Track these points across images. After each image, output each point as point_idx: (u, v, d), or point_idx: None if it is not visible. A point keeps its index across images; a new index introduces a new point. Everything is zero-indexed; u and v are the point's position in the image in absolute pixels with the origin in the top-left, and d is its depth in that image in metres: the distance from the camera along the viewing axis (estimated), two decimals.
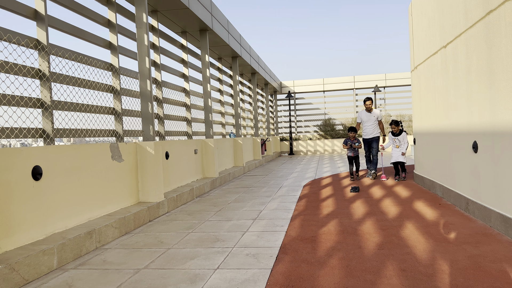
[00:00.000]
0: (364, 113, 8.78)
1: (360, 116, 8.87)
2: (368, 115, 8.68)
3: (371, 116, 8.66)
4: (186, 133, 8.43)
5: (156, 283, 3.00)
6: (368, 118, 8.68)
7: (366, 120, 8.70)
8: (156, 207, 5.48)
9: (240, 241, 4.06)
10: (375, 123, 8.66)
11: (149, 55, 5.80)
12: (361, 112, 8.89)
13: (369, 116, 8.67)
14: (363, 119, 8.75)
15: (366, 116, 8.71)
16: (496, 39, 3.91)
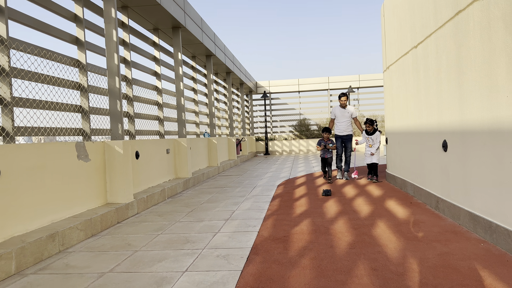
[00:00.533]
0: (338, 109, 8.51)
1: (334, 112, 8.58)
2: (343, 111, 8.45)
3: (345, 112, 8.43)
4: (158, 133, 8.25)
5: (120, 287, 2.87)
6: (342, 115, 8.44)
7: (340, 116, 8.45)
8: (125, 208, 5.31)
9: (211, 242, 3.96)
10: (349, 120, 8.42)
11: (118, 52, 5.62)
12: (335, 107, 8.59)
13: (343, 113, 8.44)
14: (337, 115, 8.49)
15: (340, 112, 8.46)
16: (465, 39, 3.95)
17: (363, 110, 21.50)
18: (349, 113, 8.44)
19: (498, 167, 3.40)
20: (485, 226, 3.63)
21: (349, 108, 8.47)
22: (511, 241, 3.20)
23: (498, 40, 3.30)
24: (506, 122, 3.23)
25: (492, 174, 3.51)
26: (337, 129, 8.48)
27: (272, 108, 22.35)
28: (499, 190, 3.39)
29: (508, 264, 3.00)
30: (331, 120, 8.66)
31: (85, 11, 5.73)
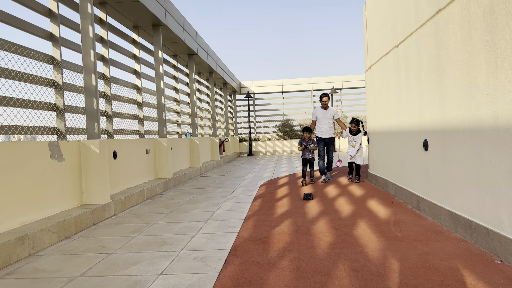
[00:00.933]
0: (319, 110, 8.06)
1: (315, 113, 8.12)
2: (324, 113, 7.99)
3: (327, 113, 7.98)
4: (138, 132, 8.07)
5: None
6: (324, 116, 7.99)
7: (322, 117, 8.00)
8: (101, 210, 5.14)
9: (189, 244, 3.85)
10: (331, 122, 8.01)
11: (95, 48, 5.45)
12: (316, 109, 8.14)
13: (325, 114, 7.99)
14: (319, 116, 8.04)
15: (322, 113, 8.00)
16: (445, 38, 3.94)
17: (346, 111, 21.60)
18: (331, 115, 8.00)
19: (478, 166, 3.38)
20: (465, 225, 3.61)
21: (331, 109, 8.05)
22: (491, 240, 3.18)
23: (478, 38, 3.29)
24: (486, 121, 3.21)
25: (472, 173, 3.49)
26: (319, 131, 8.05)
27: (256, 109, 22.27)
28: (479, 189, 3.38)
29: (488, 263, 2.97)
30: (312, 122, 8.21)
31: (60, 6, 5.55)
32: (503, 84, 2.95)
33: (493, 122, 3.10)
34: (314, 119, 8.16)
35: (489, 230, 3.20)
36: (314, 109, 8.20)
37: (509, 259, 2.93)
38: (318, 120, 8.08)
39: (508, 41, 2.86)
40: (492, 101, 3.11)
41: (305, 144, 7.72)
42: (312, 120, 8.19)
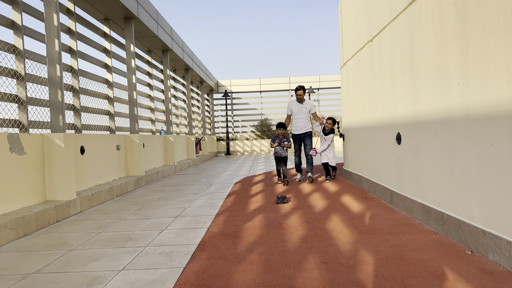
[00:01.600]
0: (295, 104, 7.47)
1: (290, 107, 7.53)
2: (300, 107, 7.42)
3: (303, 107, 7.40)
4: (108, 128, 7.82)
5: None
6: (300, 110, 7.41)
7: (297, 112, 7.42)
8: (66, 206, 4.91)
9: (155, 240, 3.68)
10: (307, 116, 7.44)
11: (59, 38, 5.21)
12: (291, 102, 7.54)
13: (301, 108, 7.41)
14: (294, 110, 7.46)
15: (297, 107, 7.42)
16: (418, 29, 3.91)
17: (324, 111, 21.70)
18: (307, 109, 7.42)
19: (449, 157, 3.35)
20: (437, 217, 3.58)
21: (307, 102, 7.47)
22: (462, 231, 3.15)
23: (450, 27, 3.25)
24: (457, 111, 3.18)
25: (443, 164, 3.46)
26: (294, 127, 7.49)
27: (234, 108, 22.12)
28: (450, 180, 3.34)
29: (459, 254, 2.93)
30: (287, 116, 7.66)
31: None
32: (473, 72, 2.92)
33: (464, 112, 3.07)
34: (289, 113, 7.59)
35: (460, 221, 3.16)
36: (289, 103, 7.58)
37: (480, 250, 2.89)
38: (293, 114, 7.52)
39: (479, 28, 2.83)
40: (463, 90, 3.07)
41: (278, 141, 7.16)
42: (287, 114, 7.61)
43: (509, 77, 2.51)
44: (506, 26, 2.53)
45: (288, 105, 7.60)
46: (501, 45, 2.58)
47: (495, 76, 2.66)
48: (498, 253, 2.68)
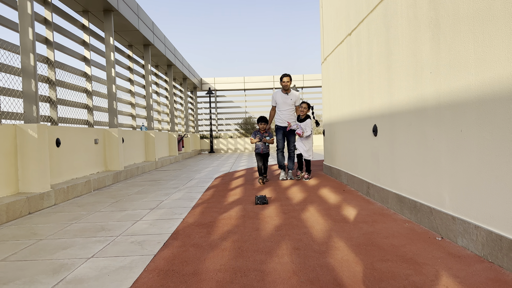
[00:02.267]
0: (280, 94, 6.87)
1: (274, 98, 6.93)
2: (285, 97, 6.82)
3: (288, 99, 6.80)
4: (86, 122, 7.68)
5: (9, 276, 2.48)
6: (284, 101, 6.81)
7: (282, 103, 6.82)
8: (39, 198, 4.80)
9: (129, 230, 3.63)
10: (292, 108, 6.84)
11: (34, 27, 5.09)
12: (276, 92, 6.94)
13: (286, 99, 6.81)
14: (278, 101, 6.85)
15: (282, 98, 6.83)
16: (393, 20, 3.94)
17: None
18: (292, 100, 6.83)
19: (422, 146, 3.38)
20: (410, 206, 3.61)
21: (293, 93, 6.88)
22: (433, 218, 3.18)
23: (423, 16, 3.28)
24: (430, 99, 3.21)
25: (417, 153, 3.49)
26: (278, 118, 6.87)
27: (218, 106, 22.04)
28: (423, 169, 3.37)
29: (430, 240, 2.96)
30: (272, 108, 7.02)
31: None
32: (445, 60, 2.95)
33: (436, 100, 3.10)
34: (274, 104, 6.98)
35: (432, 208, 3.20)
36: (274, 93, 6.98)
37: (450, 236, 2.93)
38: (277, 105, 6.91)
39: (449, 16, 2.86)
40: (435, 78, 3.10)
41: (260, 137, 6.62)
42: (272, 105, 7.00)
43: (477, 63, 2.54)
44: (474, 13, 2.56)
45: (273, 95, 7.00)
46: (470, 32, 2.61)
47: (464, 63, 2.69)
48: (466, 238, 2.71)
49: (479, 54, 2.52)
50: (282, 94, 6.87)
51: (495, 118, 2.38)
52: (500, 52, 2.32)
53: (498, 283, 2.12)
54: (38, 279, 2.41)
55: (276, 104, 6.94)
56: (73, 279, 2.40)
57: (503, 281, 2.15)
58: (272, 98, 7.00)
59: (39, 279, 2.41)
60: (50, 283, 2.34)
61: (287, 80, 6.75)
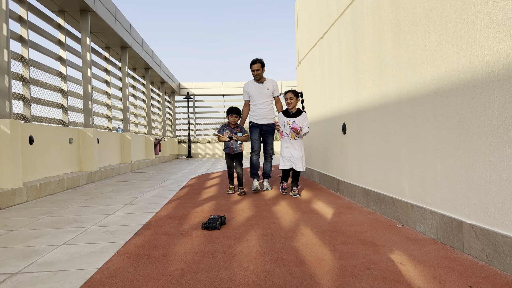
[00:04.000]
0: (252, 85, 5.44)
1: (246, 90, 5.49)
2: (259, 88, 5.40)
3: (264, 88, 5.40)
4: (61, 122, 7.63)
5: None
6: (259, 92, 5.39)
7: (256, 94, 5.40)
8: (11, 194, 4.77)
9: (101, 222, 3.67)
10: (270, 101, 5.44)
11: (8, 22, 5.08)
12: (248, 83, 5.51)
13: (261, 89, 5.40)
14: (252, 93, 5.42)
15: (257, 88, 5.40)
16: (360, 22, 4.14)
17: None
18: (269, 90, 5.41)
19: (385, 140, 3.56)
20: (375, 198, 3.78)
21: (268, 82, 5.44)
22: (395, 208, 3.35)
23: (386, 17, 3.48)
24: (392, 96, 3.40)
25: (381, 147, 3.67)
26: (254, 114, 5.46)
27: (196, 111, 22.05)
28: (386, 162, 3.56)
29: (391, 227, 3.12)
30: (245, 103, 5.55)
31: None
32: (405, 58, 3.14)
33: (397, 96, 3.29)
34: (246, 98, 5.53)
35: (394, 199, 3.37)
36: (245, 84, 5.54)
37: (409, 223, 3.10)
38: (251, 99, 5.48)
39: (409, 16, 3.06)
40: (397, 75, 3.30)
41: (229, 134, 5.16)
42: (244, 100, 5.56)
43: (432, 59, 2.74)
44: (429, 12, 2.76)
45: (244, 87, 5.53)
46: (426, 30, 2.81)
47: (421, 60, 2.89)
48: (423, 223, 2.89)
49: (433, 51, 2.72)
50: (256, 83, 5.44)
51: (447, 109, 2.57)
52: (450, 47, 2.52)
53: (446, 260, 2.29)
54: (9, 263, 2.45)
55: (249, 98, 5.50)
56: (43, 262, 2.44)
57: (451, 258, 2.32)
58: (244, 90, 5.53)
59: (10, 263, 2.45)
60: (20, 266, 2.38)
61: (257, 67, 5.29)
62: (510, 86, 2.02)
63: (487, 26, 2.18)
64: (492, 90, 2.14)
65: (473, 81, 2.30)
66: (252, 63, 5.34)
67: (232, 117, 5.19)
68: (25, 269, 2.32)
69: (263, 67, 5.36)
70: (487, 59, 2.18)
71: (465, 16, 2.36)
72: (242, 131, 5.23)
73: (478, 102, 2.26)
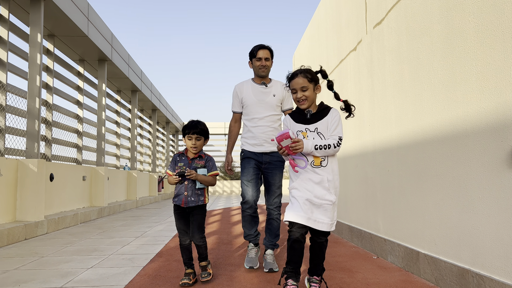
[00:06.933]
0: (249, 87, 3.53)
1: (238, 93, 3.56)
2: (260, 92, 3.48)
3: (267, 94, 3.47)
4: (75, 160, 8.28)
5: (25, 278, 3.06)
6: (260, 99, 3.46)
7: (254, 102, 3.47)
8: (34, 226, 5.33)
9: (119, 251, 4.22)
10: (276, 115, 3.49)
11: (41, 75, 5.84)
12: (241, 84, 3.58)
13: (262, 94, 3.47)
14: (247, 100, 3.49)
15: (255, 93, 3.49)
16: (345, 82, 4.87)
17: None
18: (276, 97, 3.47)
19: (364, 183, 4.18)
20: (358, 234, 4.35)
21: (275, 85, 3.52)
22: (372, 242, 3.92)
23: (364, 81, 4.20)
24: (369, 146, 4.05)
25: (361, 190, 4.28)
26: (248, 136, 3.49)
27: None
28: (366, 202, 4.15)
29: (368, 259, 3.68)
30: (233, 117, 3.65)
31: (10, 34, 5.94)
32: (378, 115, 3.82)
33: (373, 146, 3.94)
34: (237, 109, 3.59)
35: (371, 234, 3.95)
36: (237, 86, 3.59)
37: (383, 255, 3.66)
38: (246, 109, 3.51)
39: (380, 82, 3.77)
40: (372, 130, 3.96)
41: (179, 170, 2.95)
42: (233, 112, 3.63)
43: (397, 119, 3.41)
44: (395, 82, 3.46)
45: (235, 90, 3.59)
46: (392, 95, 3.50)
47: (389, 118, 3.56)
48: (393, 255, 3.45)
49: (397, 112, 3.39)
50: (256, 85, 3.50)
51: (407, 160, 3.21)
52: (408, 111, 3.19)
53: (405, 282, 2.85)
54: (51, 280, 3.01)
55: (241, 109, 3.57)
56: (79, 280, 3.00)
57: (409, 281, 2.88)
58: (234, 95, 3.58)
59: (52, 280, 3.01)
60: (61, 283, 2.94)
61: (266, 55, 3.45)
62: (446, 146, 2.66)
63: (431, 98, 2.86)
64: (435, 147, 2.79)
65: (423, 139, 2.95)
66: (259, 48, 3.44)
67: (190, 139, 2.94)
68: (66, 285, 2.88)
69: (272, 57, 3.52)
70: (430, 124, 2.84)
71: (417, 88, 3.05)
72: (208, 164, 2.99)
73: (427, 156, 2.90)
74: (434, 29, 2.81)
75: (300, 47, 7.93)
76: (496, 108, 2.18)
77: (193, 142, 2.97)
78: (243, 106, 3.56)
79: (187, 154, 3.05)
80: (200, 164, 2.99)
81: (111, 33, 8.93)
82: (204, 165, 3.00)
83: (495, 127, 2.19)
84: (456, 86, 2.55)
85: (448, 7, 2.63)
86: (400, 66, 3.33)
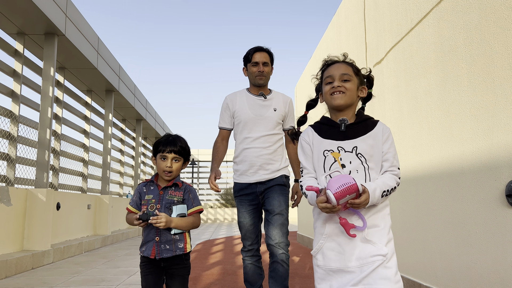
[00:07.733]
0: (243, 98, 2.89)
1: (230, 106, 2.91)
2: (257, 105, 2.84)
3: (266, 107, 2.84)
4: (80, 189, 8.40)
5: None
6: (256, 113, 2.82)
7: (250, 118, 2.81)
8: (41, 256, 5.40)
9: (126, 281, 4.29)
10: (276, 134, 2.83)
11: (52, 107, 6.05)
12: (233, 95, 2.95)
13: (260, 107, 2.83)
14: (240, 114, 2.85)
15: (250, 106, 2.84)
16: None
17: None
18: (277, 111, 2.84)
19: None
20: None
21: (276, 98, 2.91)
22: None
23: None
24: None
25: None
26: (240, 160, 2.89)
27: (200, 176, 22.88)
28: None
29: None
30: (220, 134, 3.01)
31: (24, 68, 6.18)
32: None
33: None
34: (226, 125, 2.96)
35: None
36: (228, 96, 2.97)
37: None
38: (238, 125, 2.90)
39: (380, 117, 3.93)
40: None
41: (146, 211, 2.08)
42: (219, 129, 3.01)
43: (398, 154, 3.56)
44: (396, 119, 3.63)
45: (226, 101, 2.97)
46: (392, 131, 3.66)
47: None
48: None
49: (398, 148, 3.55)
50: (252, 96, 2.90)
51: (408, 194, 3.34)
52: (408, 148, 3.35)
53: None
54: None
55: (232, 126, 2.98)
56: None
57: None
58: (224, 107, 2.97)
59: None
60: None
61: (265, 58, 2.87)
62: (445, 182, 2.80)
63: (429, 136, 3.02)
64: (435, 183, 2.93)
65: (423, 175, 3.10)
66: (255, 51, 2.86)
67: (165, 160, 2.17)
68: None
69: (272, 62, 2.94)
70: (429, 160, 2.99)
71: (415, 125, 3.22)
72: (187, 197, 2.21)
73: (426, 191, 3.03)
74: (430, 72, 3.00)
75: (302, 80, 8.19)
76: (490, 148, 2.34)
77: (168, 164, 2.13)
78: (234, 122, 2.88)
79: (158, 182, 2.21)
80: (176, 196, 2.15)
81: (119, 65, 9.22)
82: (182, 198, 2.16)
83: (489, 166, 2.34)
84: (452, 126, 2.72)
85: (443, 52, 2.83)
86: (399, 104, 3.52)
